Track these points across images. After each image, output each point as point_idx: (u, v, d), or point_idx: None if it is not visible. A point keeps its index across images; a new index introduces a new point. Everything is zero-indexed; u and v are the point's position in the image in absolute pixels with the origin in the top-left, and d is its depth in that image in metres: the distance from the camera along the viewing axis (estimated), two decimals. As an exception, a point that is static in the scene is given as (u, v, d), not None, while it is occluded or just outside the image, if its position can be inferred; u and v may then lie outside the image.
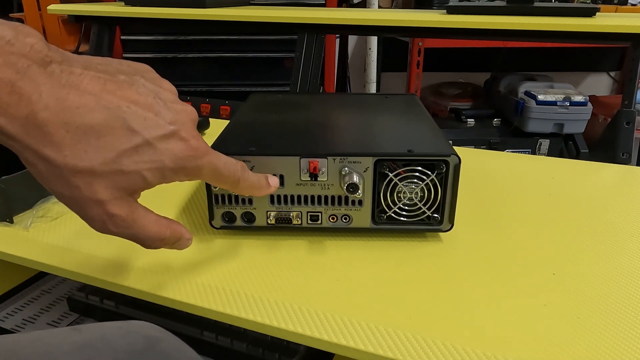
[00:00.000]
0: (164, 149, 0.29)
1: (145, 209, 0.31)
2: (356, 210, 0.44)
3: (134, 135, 0.28)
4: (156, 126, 0.29)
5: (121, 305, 0.64)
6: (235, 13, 1.11)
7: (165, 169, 0.29)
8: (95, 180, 0.28)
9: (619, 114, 1.01)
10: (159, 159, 0.29)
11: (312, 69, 1.16)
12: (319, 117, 0.54)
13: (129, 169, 0.28)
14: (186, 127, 0.30)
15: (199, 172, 0.31)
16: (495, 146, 1.75)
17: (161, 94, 0.31)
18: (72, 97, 0.27)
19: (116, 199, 0.29)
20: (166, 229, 0.32)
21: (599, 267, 0.42)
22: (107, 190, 0.28)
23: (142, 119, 0.28)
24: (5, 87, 0.25)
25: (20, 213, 0.49)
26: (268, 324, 0.35)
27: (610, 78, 2.44)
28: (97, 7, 1.28)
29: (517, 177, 0.61)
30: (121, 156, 0.28)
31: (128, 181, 0.29)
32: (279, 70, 1.77)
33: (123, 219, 0.29)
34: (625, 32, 0.90)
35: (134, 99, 0.28)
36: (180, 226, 0.34)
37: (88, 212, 0.29)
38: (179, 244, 0.34)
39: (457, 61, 2.35)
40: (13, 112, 0.26)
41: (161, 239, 0.32)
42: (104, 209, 0.29)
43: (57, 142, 0.26)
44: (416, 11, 1.33)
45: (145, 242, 0.32)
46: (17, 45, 0.26)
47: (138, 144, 0.28)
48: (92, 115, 0.27)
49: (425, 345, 0.32)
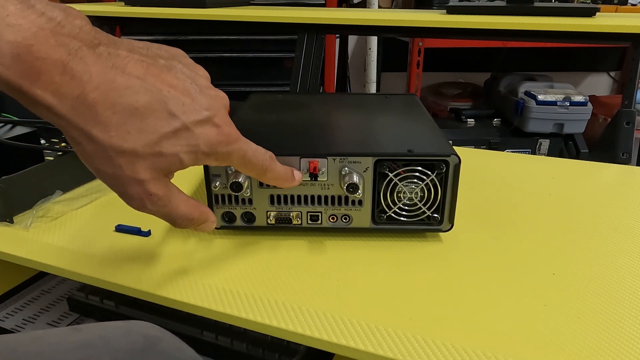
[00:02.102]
0: (199, 134, 0.30)
1: (178, 190, 0.33)
2: (356, 210, 0.44)
3: (174, 119, 0.29)
4: (193, 111, 0.30)
5: (121, 305, 0.64)
6: (235, 13, 1.11)
7: (199, 152, 0.31)
8: (137, 160, 0.29)
9: (619, 114, 1.01)
10: (194, 142, 0.30)
11: (312, 69, 1.16)
12: (319, 117, 0.54)
13: (168, 152, 0.30)
14: (220, 114, 0.32)
15: (228, 157, 0.33)
16: (495, 146, 1.75)
17: (197, 80, 0.32)
18: (120, 79, 0.28)
19: (155, 179, 0.30)
20: (195, 209, 0.34)
21: (599, 267, 0.42)
22: (148, 171, 0.30)
23: (181, 104, 0.30)
24: (58, 67, 0.26)
25: (20, 213, 0.49)
26: (268, 324, 0.35)
27: (610, 78, 2.44)
28: (97, 7, 1.28)
29: (517, 177, 0.61)
30: (162, 139, 0.29)
31: (166, 163, 0.30)
32: (279, 70, 1.77)
33: (160, 197, 0.31)
34: (625, 32, 0.90)
35: (173, 83, 0.30)
36: (207, 209, 0.35)
37: (128, 190, 0.30)
38: (205, 226, 0.35)
39: (457, 61, 2.35)
40: (65, 92, 0.27)
41: (190, 218, 0.33)
42: (144, 188, 0.30)
43: (104, 122, 0.28)
44: (416, 11, 1.33)
45: (177, 221, 0.33)
46: (68, 27, 0.27)
47: (177, 127, 0.29)
48: (137, 97, 0.28)
49: (425, 345, 0.32)
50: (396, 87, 2.31)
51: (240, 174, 0.41)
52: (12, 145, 0.54)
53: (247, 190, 0.43)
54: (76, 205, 0.52)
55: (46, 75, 0.26)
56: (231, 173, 0.42)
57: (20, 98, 0.27)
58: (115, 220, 0.48)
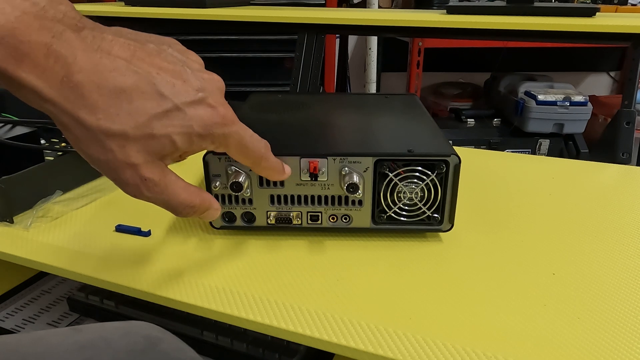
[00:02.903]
0: (193, 115, 0.29)
1: (176, 175, 0.32)
2: (356, 210, 0.44)
3: (164, 100, 0.29)
4: (185, 92, 0.29)
5: (121, 305, 0.64)
6: (235, 13, 1.11)
7: (194, 134, 0.30)
8: (128, 143, 0.28)
9: (619, 114, 1.01)
10: (188, 123, 0.29)
11: (312, 69, 1.16)
12: (319, 117, 0.54)
13: (160, 133, 0.29)
14: (214, 95, 0.31)
15: (225, 140, 0.32)
16: (495, 146, 1.75)
17: (188, 63, 0.31)
18: (105, 61, 0.27)
19: (148, 162, 0.29)
20: (196, 196, 0.33)
21: (599, 267, 0.42)
22: (140, 154, 0.29)
23: (171, 85, 0.29)
24: (42, 49, 0.26)
25: (20, 213, 0.49)
26: (268, 324, 0.35)
27: (610, 78, 2.44)
28: (97, 7, 1.28)
29: (517, 177, 0.61)
30: (152, 120, 0.28)
31: (158, 144, 0.29)
32: (279, 70, 1.77)
33: (155, 182, 0.30)
34: (625, 32, 0.90)
35: (162, 65, 0.29)
36: (209, 195, 0.34)
37: (122, 176, 0.29)
38: (208, 213, 0.34)
39: (457, 61, 2.35)
40: (49, 75, 0.26)
41: (191, 205, 0.32)
42: (137, 172, 0.29)
43: (90, 105, 0.27)
44: (416, 11, 1.33)
45: (177, 209, 0.32)
46: (51, 12, 0.27)
47: (168, 108, 0.29)
48: (124, 79, 0.27)
49: (425, 345, 0.32)
50: (396, 87, 2.31)
51: (241, 174, 0.42)
52: (12, 145, 0.54)
53: (247, 190, 0.43)
54: (76, 205, 0.52)
55: (30, 58, 0.26)
56: (231, 173, 0.42)
57: (6, 82, 0.27)
58: (115, 221, 0.48)
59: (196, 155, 0.35)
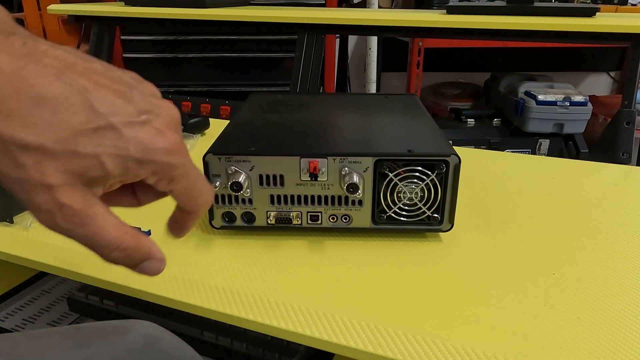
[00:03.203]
0: (131, 137, 0.25)
1: (107, 209, 0.26)
2: (356, 210, 0.44)
3: (96, 116, 0.24)
4: (124, 112, 0.25)
5: (121, 305, 0.64)
6: (235, 13, 1.11)
7: (129, 158, 0.25)
8: (45, 159, 0.23)
9: (619, 114, 1.01)
10: (122, 145, 0.24)
11: (312, 69, 1.16)
12: (319, 117, 0.54)
13: (86, 151, 0.24)
14: (163, 119, 0.26)
15: (170, 171, 0.26)
16: (495, 146, 1.75)
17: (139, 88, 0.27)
18: (31, 67, 0.23)
19: (69, 185, 0.24)
20: (130, 238, 0.26)
21: (599, 267, 0.42)
22: (58, 174, 0.24)
23: (109, 103, 0.24)
24: None
25: (20, 213, 0.49)
26: (268, 324, 0.35)
27: (610, 78, 2.44)
28: (97, 7, 1.28)
29: (517, 177, 0.61)
30: (78, 136, 0.24)
31: (83, 165, 0.24)
32: (279, 70, 1.77)
33: (75, 212, 0.24)
34: (625, 32, 0.90)
35: (103, 83, 0.25)
36: (151, 242, 0.28)
37: (34, 199, 0.24)
38: (147, 265, 0.28)
39: (457, 61, 2.35)
40: None
41: (122, 247, 0.26)
42: (53, 196, 0.24)
43: (5, 111, 0.23)
44: (416, 11, 1.33)
45: (102, 250, 0.26)
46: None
47: (100, 125, 0.24)
48: (50, 88, 0.23)
49: (425, 345, 0.32)
50: (396, 87, 2.31)
51: (241, 173, 0.42)
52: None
53: (247, 190, 0.43)
54: (76, 205, 0.52)
55: None
56: (231, 173, 0.42)
57: None
58: (115, 220, 0.48)
59: (196, 155, 0.35)
